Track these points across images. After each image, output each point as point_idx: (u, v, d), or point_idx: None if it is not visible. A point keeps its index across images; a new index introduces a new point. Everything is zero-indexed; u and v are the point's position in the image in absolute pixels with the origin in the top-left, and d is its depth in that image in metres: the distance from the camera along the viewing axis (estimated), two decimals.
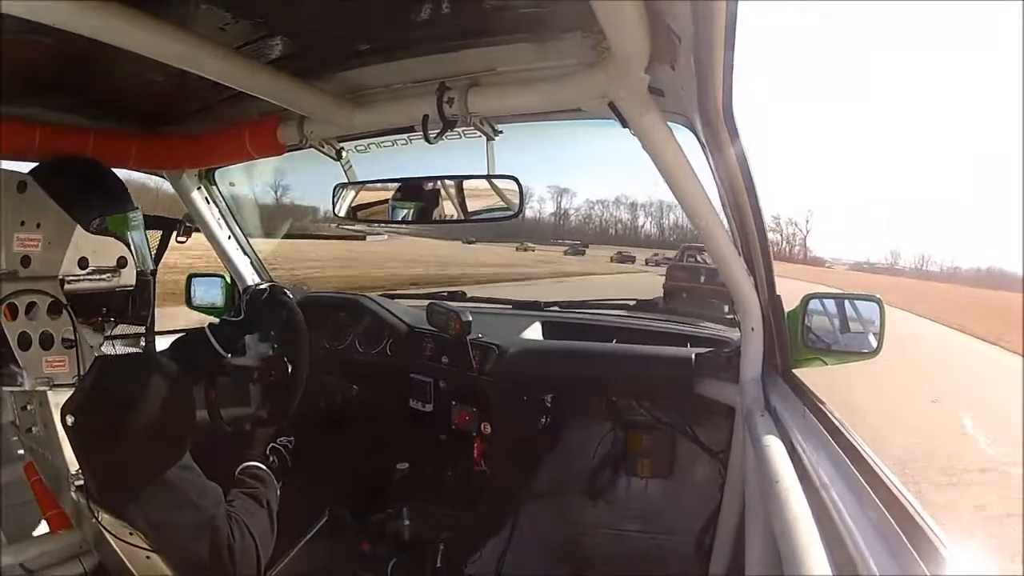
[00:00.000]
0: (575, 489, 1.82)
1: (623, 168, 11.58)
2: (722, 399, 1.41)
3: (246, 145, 1.44)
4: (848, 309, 1.30)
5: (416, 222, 1.39)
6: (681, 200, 1.12)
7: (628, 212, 47.75)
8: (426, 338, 1.70)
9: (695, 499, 1.67)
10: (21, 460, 1.37)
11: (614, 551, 1.81)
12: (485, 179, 1.29)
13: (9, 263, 1.04)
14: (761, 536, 1.13)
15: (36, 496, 1.37)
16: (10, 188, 1.04)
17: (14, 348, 1.04)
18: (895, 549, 0.64)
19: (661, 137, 1.04)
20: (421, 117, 1.17)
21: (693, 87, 0.91)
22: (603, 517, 1.83)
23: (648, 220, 48.25)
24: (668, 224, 47.27)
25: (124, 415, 1.04)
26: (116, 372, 1.11)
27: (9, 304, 1.04)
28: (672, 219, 46.34)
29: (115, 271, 1.15)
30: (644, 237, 46.98)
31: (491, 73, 1.14)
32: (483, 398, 1.56)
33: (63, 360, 1.08)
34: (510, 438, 1.59)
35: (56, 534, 1.41)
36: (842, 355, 1.28)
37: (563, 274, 20.30)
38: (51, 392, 1.07)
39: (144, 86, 1.27)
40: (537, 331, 1.77)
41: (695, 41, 0.78)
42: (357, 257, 18.65)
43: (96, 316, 1.19)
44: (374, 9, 1.01)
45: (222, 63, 1.03)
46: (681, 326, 1.76)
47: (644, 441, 1.77)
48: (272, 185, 12.30)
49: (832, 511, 0.77)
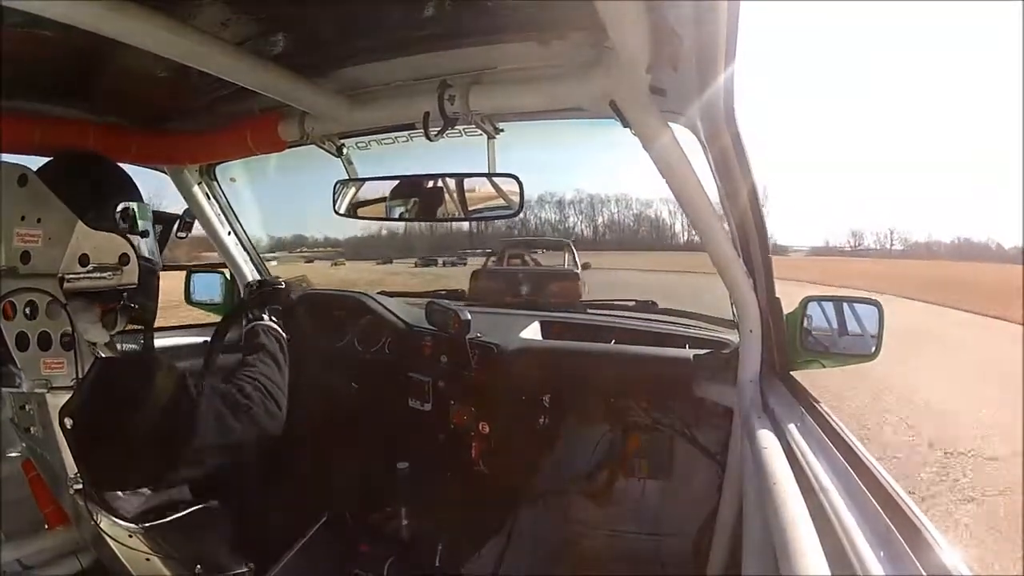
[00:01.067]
0: (573, 489, 1.82)
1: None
2: (720, 400, 1.41)
3: (247, 141, 1.44)
4: (847, 312, 1.30)
5: (416, 219, 1.39)
6: (681, 200, 1.12)
7: (556, 211, 44.43)
8: (425, 337, 1.70)
9: (693, 500, 1.67)
10: (19, 457, 1.37)
11: (612, 551, 1.81)
12: (486, 177, 1.29)
13: (9, 259, 1.02)
14: (759, 537, 1.13)
15: (34, 492, 1.37)
16: (10, 182, 1.03)
17: (11, 348, 1.03)
18: (892, 551, 0.64)
19: (662, 137, 1.04)
20: (422, 114, 1.17)
21: (695, 87, 0.91)
22: (601, 518, 1.83)
23: (580, 219, 43.84)
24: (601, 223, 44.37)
25: (124, 418, 1.04)
26: (115, 374, 1.10)
27: (7, 303, 1.02)
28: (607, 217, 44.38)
29: (117, 268, 1.13)
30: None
31: (492, 71, 1.14)
32: (482, 398, 1.56)
33: (61, 361, 1.06)
34: (508, 438, 1.59)
35: (53, 530, 1.41)
36: (840, 358, 1.28)
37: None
38: (49, 394, 1.06)
39: (146, 81, 1.26)
40: (535, 331, 1.77)
41: (697, 42, 0.78)
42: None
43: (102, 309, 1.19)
44: (376, 6, 1.01)
45: (224, 59, 1.03)
46: (680, 327, 1.76)
47: (642, 442, 1.77)
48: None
49: (830, 513, 0.77)
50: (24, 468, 1.37)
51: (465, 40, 1.08)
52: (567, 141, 1.46)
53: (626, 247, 34.99)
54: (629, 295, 2.00)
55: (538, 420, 1.63)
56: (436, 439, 1.67)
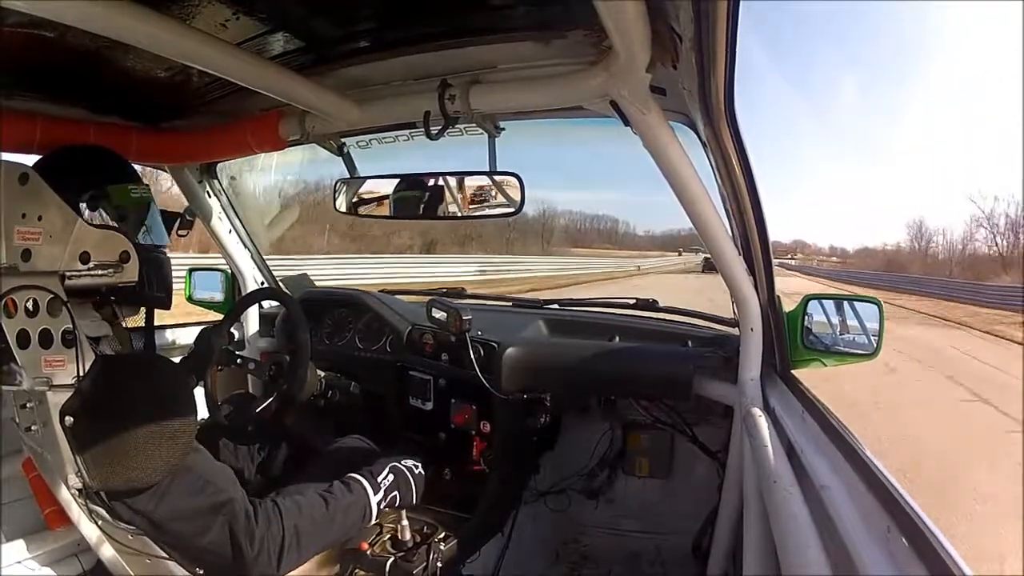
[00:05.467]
0: (574, 488, 1.82)
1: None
2: (721, 399, 1.41)
3: (248, 140, 1.45)
4: (847, 310, 1.30)
5: (417, 217, 1.39)
6: (681, 199, 1.12)
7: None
8: (426, 335, 1.70)
9: (693, 499, 1.67)
10: (20, 456, 1.37)
11: (612, 550, 1.81)
12: (487, 175, 1.29)
13: (9, 257, 1.02)
14: (759, 536, 1.13)
15: (35, 493, 1.37)
16: (11, 180, 1.03)
17: (12, 346, 1.03)
18: (893, 550, 0.64)
19: (662, 136, 1.04)
20: (423, 113, 1.17)
21: (695, 86, 0.91)
22: (601, 516, 1.84)
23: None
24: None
25: (124, 416, 1.04)
26: (116, 373, 1.10)
27: (8, 300, 1.02)
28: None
29: (118, 266, 1.14)
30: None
31: (493, 70, 1.14)
32: (482, 396, 1.56)
33: (62, 359, 1.06)
34: (509, 437, 1.59)
35: (54, 531, 1.41)
36: (841, 356, 1.28)
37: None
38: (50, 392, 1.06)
39: (146, 80, 1.27)
40: (536, 329, 1.77)
41: (697, 40, 0.78)
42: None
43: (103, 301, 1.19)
44: (376, 5, 1.01)
45: (225, 58, 1.03)
46: (681, 325, 1.76)
47: (643, 440, 1.77)
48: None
49: (830, 511, 0.77)
50: (25, 468, 1.37)
51: (465, 39, 1.08)
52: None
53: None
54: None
55: (539, 419, 1.63)
56: (437, 438, 1.67)
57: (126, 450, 1.04)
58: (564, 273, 21.27)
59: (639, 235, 54.08)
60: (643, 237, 53.31)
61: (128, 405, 1.07)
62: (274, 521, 1.12)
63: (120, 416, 1.05)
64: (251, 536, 1.08)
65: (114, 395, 1.07)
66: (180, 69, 1.20)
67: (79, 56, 1.11)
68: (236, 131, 1.46)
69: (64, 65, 1.16)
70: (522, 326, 1.76)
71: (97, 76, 1.23)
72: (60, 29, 0.86)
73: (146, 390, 1.11)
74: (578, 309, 1.90)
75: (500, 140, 1.26)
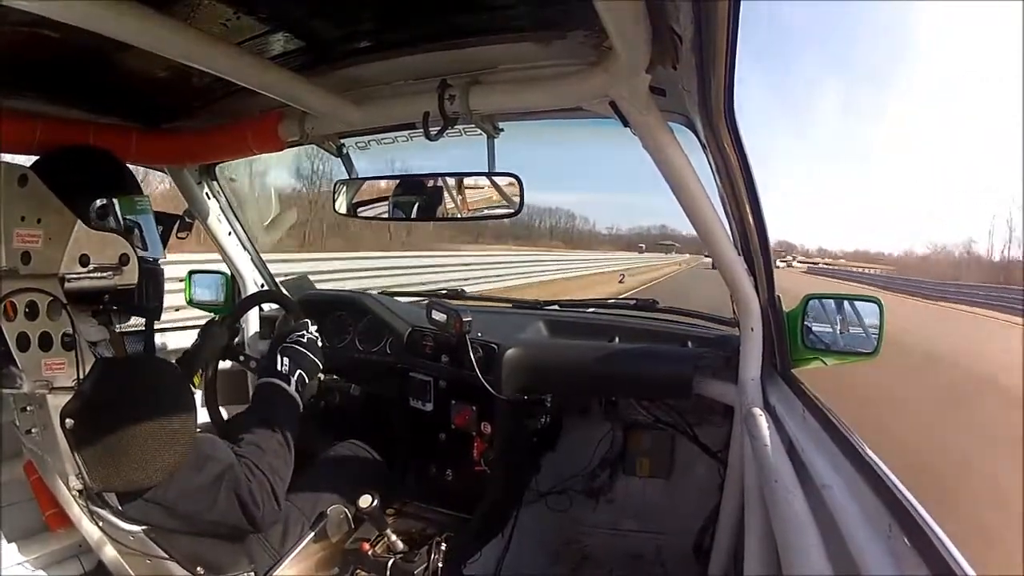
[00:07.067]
0: (574, 488, 1.82)
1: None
2: (721, 399, 1.41)
3: (247, 140, 1.44)
4: (848, 310, 1.31)
5: (416, 219, 1.39)
6: (681, 200, 1.12)
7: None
8: (426, 337, 1.70)
9: (694, 499, 1.68)
10: (20, 459, 1.37)
11: (613, 550, 1.81)
12: (486, 176, 1.29)
13: (9, 260, 1.02)
14: (760, 535, 1.13)
15: (35, 495, 1.37)
16: (11, 182, 1.03)
17: (12, 349, 1.03)
18: (895, 549, 0.64)
19: (662, 137, 1.04)
20: (422, 114, 1.17)
21: (694, 87, 0.91)
22: (602, 517, 1.84)
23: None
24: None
25: (125, 418, 1.04)
26: (116, 375, 1.10)
27: (8, 303, 1.02)
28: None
29: (117, 269, 1.14)
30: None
31: (492, 71, 1.14)
32: (483, 397, 1.56)
33: (62, 362, 1.06)
34: (509, 437, 1.59)
35: (55, 533, 1.41)
36: (841, 355, 1.28)
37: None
38: (50, 395, 1.06)
39: (146, 81, 1.26)
40: (536, 330, 1.77)
41: (697, 41, 0.78)
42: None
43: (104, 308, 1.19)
44: (376, 6, 1.01)
45: (224, 59, 1.02)
46: (681, 326, 1.76)
47: (643, 440, 1.78)
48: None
49: (831, 510, 0.77)
50: (26, 470, 1.37)
51: (465, 40, 1.08)
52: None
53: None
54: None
55: (539, 419, 1.63)
56: (437, 439, 1.67)
57: (127, 451, 1.05)
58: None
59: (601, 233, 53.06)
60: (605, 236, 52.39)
61: (128, 407, 1.07)
62: (254, 470, 1.19)
63: (120, 418, 1.05)
64: (251, 493, 1.17)
65: (114, 397, 1.07)
66: (180, 69, 1.19)
67: (78, 56, 1.11)
68: (236, 132, 1.46)
69: (63, 65, 1.16)
70: (522, 327, 1.76)
71: (97, 76, 1.23)
72: (60, 29, 0.85)
73: (146, 391, 1.11)
74: (578, 310, 1.90)
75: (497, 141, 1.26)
